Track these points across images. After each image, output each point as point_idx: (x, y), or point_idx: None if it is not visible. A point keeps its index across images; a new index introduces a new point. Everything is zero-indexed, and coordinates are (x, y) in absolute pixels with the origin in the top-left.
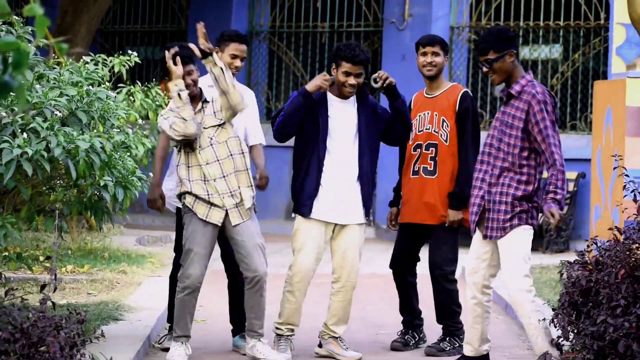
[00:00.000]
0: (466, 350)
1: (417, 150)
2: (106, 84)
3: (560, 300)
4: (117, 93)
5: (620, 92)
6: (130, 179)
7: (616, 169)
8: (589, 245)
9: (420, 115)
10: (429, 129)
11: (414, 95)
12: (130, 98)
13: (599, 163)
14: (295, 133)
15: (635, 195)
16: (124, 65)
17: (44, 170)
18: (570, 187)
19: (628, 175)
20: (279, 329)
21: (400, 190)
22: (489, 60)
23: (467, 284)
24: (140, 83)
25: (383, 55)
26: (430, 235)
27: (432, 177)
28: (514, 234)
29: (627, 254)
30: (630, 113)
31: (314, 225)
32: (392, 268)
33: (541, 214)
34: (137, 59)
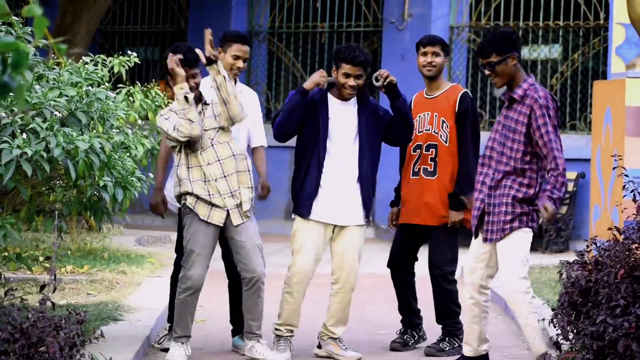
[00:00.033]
0: (465, 350)
1: (417, 151)
2: (106, 85)
3: (559, 300)
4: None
5: (620, 92)
6: (130, 180)
7: (615, 168)
8: (588, 245)
9: (420, 116)
10: (428, 129)
11: (414, 96)
12: (130, 98)
13: (599, 163)
14: (295, 132)
15: (634, 195)
16: (124, 66)
17: (44, 171)
18: (570, 187)
19: (627, 175)
20: (278, 330)
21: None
22: (492, 63)
23: (465, 284)
24: (139, 83)
25: (382, 55)
26: (430, 235)
27: (432, 178)
28: (514, 236)
29: (626, 254)
30: (630, 113)
31: (313, 226)
32: (390, 267)
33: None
34: (137, 60)
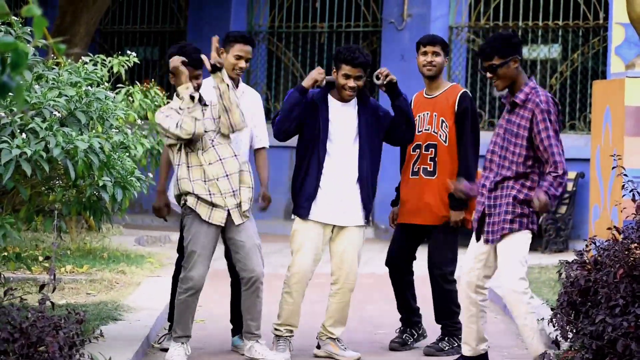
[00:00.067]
0: (464, 350)
1: (416, 150)
2: (105, 85)
3: (559, 299)
4: (116, 93)
5: (619, 92)
6: (129, 179)
7: (615, 168)
8: (587, 245)
9: (419, 116)
10: (428, 129)
11: (414, 96)
12: (129, 98)
13: (598, 163)
14: (296, 131)
15: (634, 195)
16: (123, 66)
17: (43, 171)
18: (569, 187)
19: (627, 175)
20: (278, 330)
21: None
22: (494, 66)
23: (461, 283)
24: (139, 83)
25: (382, 55)
26: (429, 235)
27: (431, 177)
28: (513, 237)
29: (625, 253)
30: (629, 113)
31: (312, 227)
32: (388, 266)
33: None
34: (136, 60)
